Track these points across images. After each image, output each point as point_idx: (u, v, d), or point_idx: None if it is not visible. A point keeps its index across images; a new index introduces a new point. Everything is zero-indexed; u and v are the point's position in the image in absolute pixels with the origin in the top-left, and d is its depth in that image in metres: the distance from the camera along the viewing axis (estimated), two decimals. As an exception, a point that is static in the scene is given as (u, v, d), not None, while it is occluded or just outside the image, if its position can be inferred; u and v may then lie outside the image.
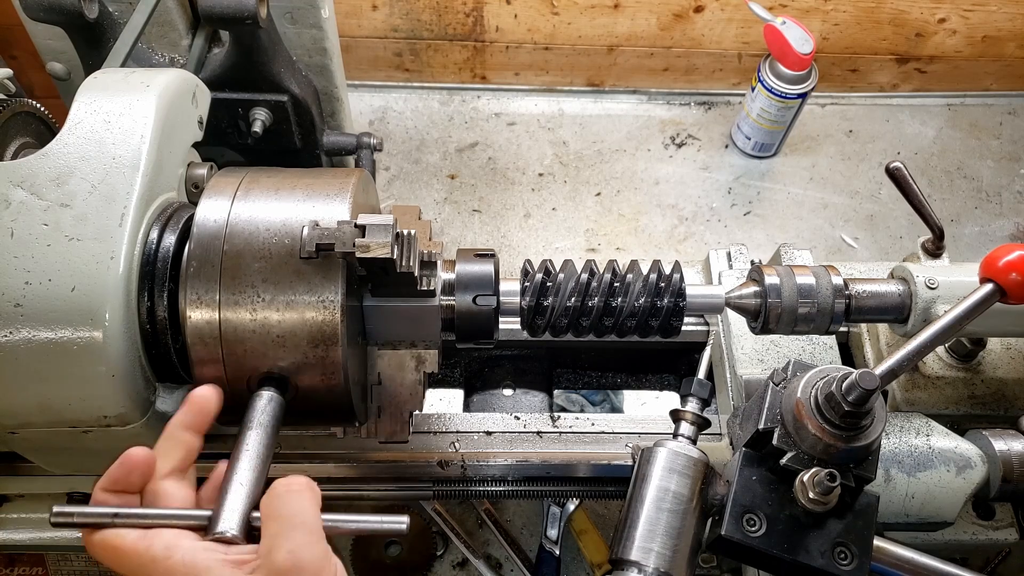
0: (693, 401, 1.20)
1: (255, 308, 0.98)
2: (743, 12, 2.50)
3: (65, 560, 1.38)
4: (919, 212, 1.37)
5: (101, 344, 0.96)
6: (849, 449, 0.99)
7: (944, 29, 2.63)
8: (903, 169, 1.35)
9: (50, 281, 0.95)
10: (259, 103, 1.77)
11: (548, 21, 2.56)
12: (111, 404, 0.99)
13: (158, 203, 1.07)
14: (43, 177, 1.01)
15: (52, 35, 1.68)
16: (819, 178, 2.64)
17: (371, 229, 0.96)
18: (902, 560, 1.08)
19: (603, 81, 2.78)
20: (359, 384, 1.14)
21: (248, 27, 1.54)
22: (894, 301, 1.22)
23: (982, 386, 1.39)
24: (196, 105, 1.22)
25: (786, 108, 2.46)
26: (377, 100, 2.73)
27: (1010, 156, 2.74)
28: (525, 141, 2.67)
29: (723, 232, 2.51)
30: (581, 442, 1.45)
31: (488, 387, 1.83)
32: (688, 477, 1.08)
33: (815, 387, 1.02)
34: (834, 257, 2.47)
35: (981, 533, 1.34)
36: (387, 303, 1.12)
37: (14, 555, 1.38)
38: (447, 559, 1.75)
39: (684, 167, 2.65)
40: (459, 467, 1.41)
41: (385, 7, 2.50)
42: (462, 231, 2.47)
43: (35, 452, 1.13)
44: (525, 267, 1.19)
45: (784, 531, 1.01)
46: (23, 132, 1.29)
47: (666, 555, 1.03)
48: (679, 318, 1.17)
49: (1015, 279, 1.04)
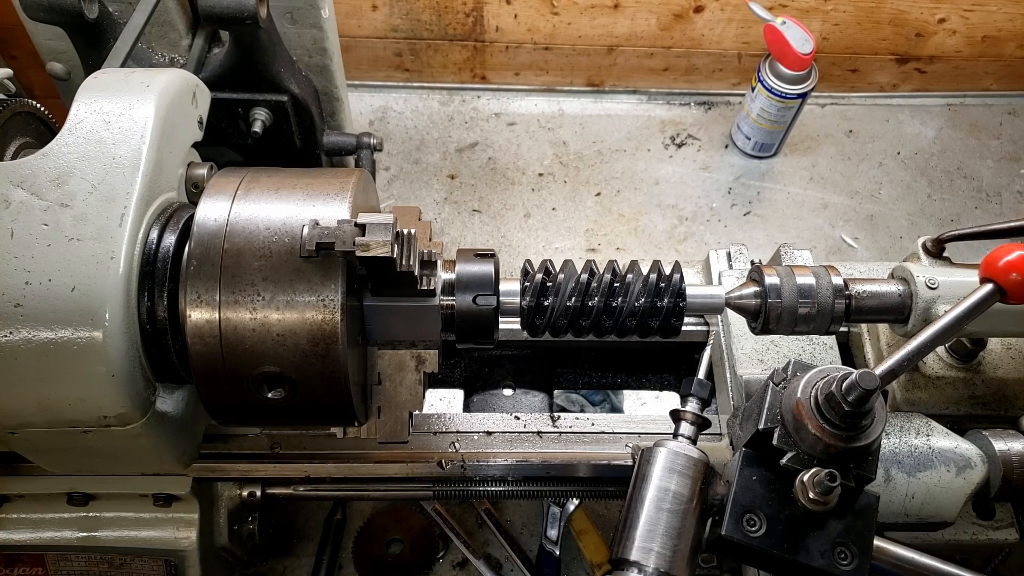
0: (693, 401, 1.20)
1: (255, 307, 0.98)
2: (743, 12, 2.50)
3: (65, 560, 1.38)
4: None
5: (101, 344, 0.96)
6: (849, 449, 0.99)
7: (944, 29, 2.63)
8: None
9: (50, 281, 0.95)
10: (259, 103, 1.77)
11: (548, 21, 2.56)
12: (111, 404, 0.99)
13: (158, 203, 1.07)
14: (43, 177, 1.01)
15: (52, 35, 1.68)
16: (819, 178, 2.64)
17: (371, 228, 0.96)
18: (902, 560, 1.08)
19: (603, 81, 2.78)
20: (359, 384, 1.14)
21: (248, 27, 1.54)
22: (894, 301, 1.22)
23: (982, 386, 1.39)
24: (196, 105, 1.22)
25: (786, 108, 2.46)
26: (377, 100, 2.73)
27: (1010, 156, 2.74)
28: (525, 141, 2.67)
29: (723, 232, 2.51)
30: (581, 442, 1.45)
31: (488, 387, 1.83)
32: (688, 477, 1.08)
33: (815, 387, 1.02)
34: (834, 257, 2.47)
35: (981, 533, 1.34)
36: (387, 303, 1.12)
37: (14, 555, 1.38)
38: (447, 559, 1.75)
39: (684, 167, 2.65)
40: (459, 467, 1.41)
41: (385, 7, 2.50)
42: (462, 231, 2.47)
43: (35, 452, 1.13)
44: (525, 267, 1.19)
45: (784, 531, 1.01)
46: (23, 132, 1.29)
47: (666, 555, 1.03)
48: (679, 318, 1.17)
49: (1015, 279, 1.04)
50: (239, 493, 1.43)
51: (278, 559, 1.75)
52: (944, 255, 1.39)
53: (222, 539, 1.42)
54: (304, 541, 1.77)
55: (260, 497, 1.43)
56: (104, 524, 1.37)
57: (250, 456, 1.40)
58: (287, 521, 1.78)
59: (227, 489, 1.42)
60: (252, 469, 1.40)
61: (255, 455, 1.41)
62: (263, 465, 1.40)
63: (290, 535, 1.77)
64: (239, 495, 1.43)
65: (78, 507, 1.36)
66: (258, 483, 1.43)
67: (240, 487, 1.43)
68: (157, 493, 1.35)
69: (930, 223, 2.55)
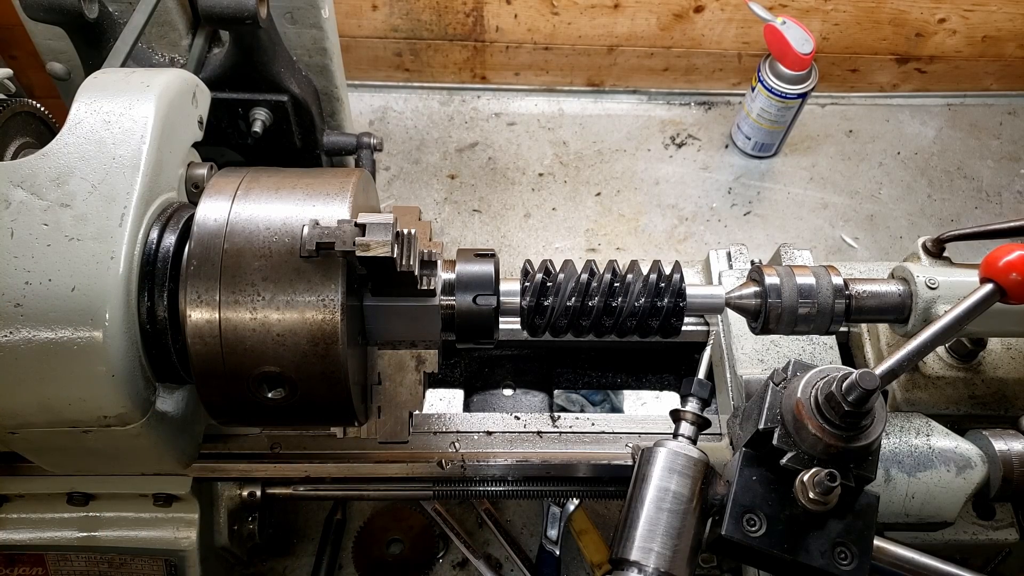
0: (693, 401, 1.20)
1: (255, 307, 0.98)
2: (743, 12, 2.50)
3: (65, 560, 1.38)
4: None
5: (101, 344, 0.96)
6: (849, 449, 0.99)
7: (944, 29, 2.63)
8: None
9: (50, 281, 0.95)
10: (259, 103, 1.77)
11: (548, 21, 2.56)
12: (111, 404, 0.99)
13: (158, 203, 1.07)
14: (43, 177, 1.01)
15: (52, 35, 1.68)
16: (819, 178, 2.64)
17: (371, 228, 0.96)
18: (902, 560, 1.08)
19: (603, 81, 2.78)
20: (359, 384, 1.13)
21: (248, 27, 1.54)
22: (894, 301, 1.22)
23: (982, 386, 1.39)
24: (196, 105, 1.22)
25: (786, 108, 2.46)
26: (377, 100, 2.73)
27: (1010, 156, 2.74)
28: (525, 141, 2.67)
29: (723, 232, 2.51)
30: (581, 442, 1.45)
31: (488, 387, 1.83)
32: (688, 477, 1.08)
33: (815, 387, 1.02)
34: (834, 257, 2.47)
35: (981, 533, 1.34)
36: (387, 303, 1.12)
37: (14, 555, 1.38)
38: (447, 559, 1.75)
39: (684, 167, 2.65)
40: (459, 467, 1.41)
41: (385, 7, 2.50)
42: (462, 231, 2.47)
43: (35, 452, 1.13)
44: (525, 267, 1.19)
45: (784, 531, 1.01)
46: (23, 132, 1.29)
47: (666, 555, 1.03)
48: (679, 318, 1.17)
49: (1015, 279, 1.04)
50: (239, 493, 1.43)
51: (278, 559, 1.75)
52: (944, 255, 1.39)
53: (222, 539, 1.43)
54: (304, 541, 1.77)
55: (260, 497, 1.43)
56: (104, 524, 1.37)
57: (250, 456, 1.40)
58: (287, 521, 1.78)
59: (227, 489, 1.42)
60: (252, 469, 1.40)
61: (255, 455, 1.41)
62: (263, 465, 1.40)
63: (290, 535, 1.77)
64: (239, 495, 1.43)
65: (78, 507, 1.36)
66: (258, 483, 1.43)
67: (240, 487, 1.43)
68: (157, 493, 1.35)
69: (930, 223, 2.55)
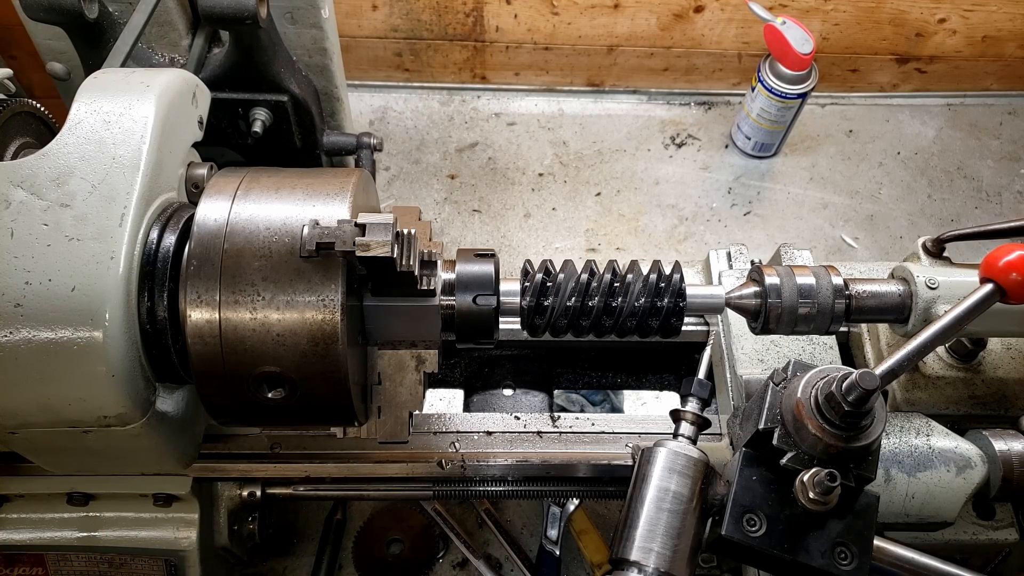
0: (693, 401, 1.20)
1: (255, 307, 0.98)
2: (743, 12, 2.50)
3: (65, 560, 1.38)
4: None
5: (101, 344, 0.96)
6: (849, 449, 0.99)
7: (944, 29, 2.63)
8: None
9: (50, 281, 0.95)
10: (259, 103, 1.77)
11: (548, 21, 2.56)
12: (111, 404, 0.99)
13: (158, 203, 1.07)
14: (43, 177, 1.01)
15: (52, 35, 1.68)
16: (819, 178, 2.64)
17: (371, 228, 0.96)
18: (902, 560, 1.08)
19: (603, 81, 2.78)
20: (359, 384, 1.13)
21: (248, 27, 1.54)
22: (894, 301, 1.22)
23: (982, 386, 1.39)
24: (196, 105, 1.22)
25: (786, 108, 2.46)
26: (377, 100, 2.73)
27: (1010, 156, 2.74)
28: (525, 141, 2.67)
29: (723, 232, 2.51)
30: (581, 442, 1.45)
31: (488, 387, 1.83)
32: (688, 477, 1.08)
33: (815, 387, 1.02)
34: (834, 257, 2.47)
35: (981, 533, 1.34)
36: (387, 303, 1.12)
37: (14, 555, 1.38)
38: (447, 559, 1.75)
39: (684, 167, 2.65)
40: (459, 467, 1.41)
41: (385, 7, 2.50)
42: (462, 231, 2.47)
43: (35, 452, 1.13)
44: (525, 267, 1.19)
45: (784, 531, 1.01)
46: (23, 132, 1.29)
47: (666, 555, 1.03)
48: (679, 318, 1.17)
49: (1015, 279, 1.04)
50: (239, 493, 1.43)
51: (278, 559, 1.75)
52: (944, 255, 1.39)
53: (222, 539, 1.43)
54: (304, 541, 1.77)
55: (260, 497, 1.43)
56: (104, 524, 1.37)
57: (250, 456, 1.40)
58: (287, 521, 1.78)
59: (227, 489, 1.42)
60: (252, 469, 1.40)
61: (255, 455, 1.41)
62: (263, 465, 1.40)
63: (290, 535, 1.77)
64: (239, 495, 1.43)
65: (78, 507, 1.36)
66: (258, 483, 1.43)
67: (240, 487, 1.43)
68: (157, 493, 1.35)
69: (930, 223, 2.55)
